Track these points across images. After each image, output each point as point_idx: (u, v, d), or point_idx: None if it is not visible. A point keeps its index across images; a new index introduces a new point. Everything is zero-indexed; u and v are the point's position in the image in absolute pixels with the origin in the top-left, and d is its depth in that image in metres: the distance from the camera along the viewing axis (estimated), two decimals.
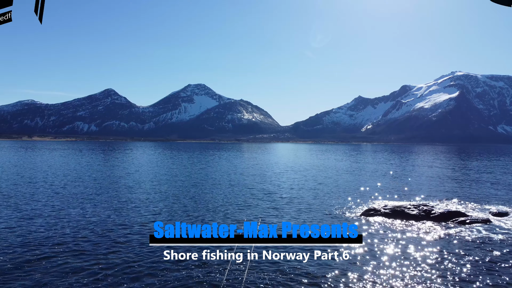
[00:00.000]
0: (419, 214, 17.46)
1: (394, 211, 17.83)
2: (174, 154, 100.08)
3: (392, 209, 17.95)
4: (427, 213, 17.66)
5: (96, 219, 20.24)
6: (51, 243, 15.82)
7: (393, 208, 18.07)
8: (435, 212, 17.71)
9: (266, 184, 36.37)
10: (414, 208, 17.91)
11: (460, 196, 25.48)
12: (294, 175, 46.48)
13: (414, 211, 17.65)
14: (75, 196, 27.43)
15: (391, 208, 18.10)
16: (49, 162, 62.16)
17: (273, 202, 26.11)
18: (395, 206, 18.21)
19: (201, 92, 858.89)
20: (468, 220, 16.95)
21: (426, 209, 18.06)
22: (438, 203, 21.72)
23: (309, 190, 31.03)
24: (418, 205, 18.47)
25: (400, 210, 17.76)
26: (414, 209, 17.80)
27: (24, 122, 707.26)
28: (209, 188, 32.91)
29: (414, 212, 17.58)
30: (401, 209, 17.89)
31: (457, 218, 17.22)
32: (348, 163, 63.55)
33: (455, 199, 24.24)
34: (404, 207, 18.04)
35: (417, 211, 17.68)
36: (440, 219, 17.17)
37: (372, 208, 18.50)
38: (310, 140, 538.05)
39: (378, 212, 17.99)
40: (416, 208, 17.94)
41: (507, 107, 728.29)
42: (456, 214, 17.72)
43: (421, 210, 17.78)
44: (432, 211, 17.89)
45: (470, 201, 23.17)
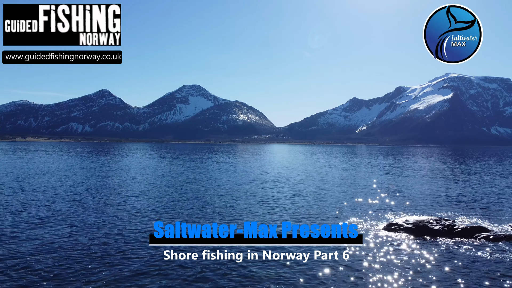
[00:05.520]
0: (442, 230, 17.56)
1: (417, 226, 17.96)
2: (171, 155, 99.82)
3: (415, 224, 18.09)
4: (450, 228, 17.75)
5: (96, 219, 20.15)
6: (49, 243, 15.73)
7: (415, 223, 18.22)
8: (457, 227, 17.84)
9: (267, 184, 36.39)
10: (436, 223, 18.02)
11: (474, 207, 25.41)
12: (296, 177, 46.51)
13: (437, 226, 17.77)
14: (74, 196, 27.27)
15: (413, 223, 18.25)
16: (47, 163, 61.76)
17: (276, 204, 26.12)
18: (418, 221, 18.34)
19: (196, 93, 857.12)
20: (491, 236, 17.02)
21: (449, 224, 18.18)
22: (457, 216, 21.71)
23: (318, 199, 29.03)
24: (440, 220, 18.58)
25: (423, 225, 17.90)
26: (436, 224, 17.92)
27: (18, 123, 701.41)
28: (209, 188, 32.86)
29: (437, 227, 17.69)
30: (424, 224, 18.03)
31: (480, 234, 17.30)
32: (349, 172, 63.73)
33: (472, 210, 24.21)
34: (427, 222, 18.17)
35: (440, 226, 17.79)
36: (463, 234, 17.26)
37: (395, 223, 18.68)
38: (305, 141, 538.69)
39: (401, 227, 18.13)
40: (439, 223, 18.05)
41: (500, 109, 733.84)
42: (479, 229, 17.77)
43: (443, 225, 17.87)
44: (454, 226, 18.02)
45: (489, 213, 23.10)
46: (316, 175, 47.62)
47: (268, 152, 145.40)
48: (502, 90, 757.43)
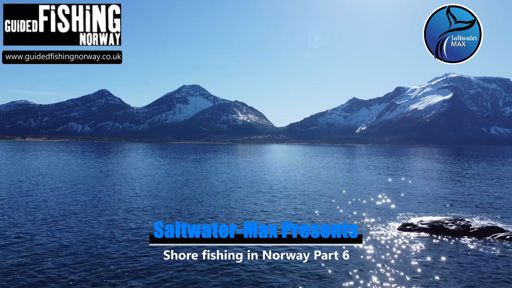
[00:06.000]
0: (458, 230, 17.58)
1: (432, 226, 17.97)
2: (171, 155, 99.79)
3: (430, 224, 18.09)
4: (466, 228, 17.78)
5: (96, 219, 20.14)
6: (48, 243, 15.72)
7: (430, 223, 18.22)
8: (473, 228, 17.88)
9: (267, 185, 36.38)
10: (451, 223, 18.03)
11: (484, 207, 25.35)
12: (302, 177, 46.52)
13: (453, 226, 17.79)
14: (74, 196, 27.26)
15: (428, 223, 18.25)
16: (45, 164, 61.76)
17: (278, 204, 26.12)
18: (433, 221, 18.35)
19: (195, 93, 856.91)
20: (508, 236, 17.08)
21: (464, 224, 18.22)
22: (469, 217, 21.65)
23: (325, 200, 28.68)
24: (455, 220, 18.60)
25: (439, 226, 17.91)
26: (452, 224, 17.93)
27: (17, 123, 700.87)
28: (209, 189, 32.85)
29: (453, 227, 17.71)
30: (439, 224, 18.04)
31: (497, 234, 17.34)
32: (352, 173, 63.73)
33: (483, 210, 24.19)
34: (442, 222, 18.19)
35: (455, 226, 17.81)
36: (479, 235, 17.29)
37: (409, 223, 18.68)
38: (304, 141, 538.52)
39: (416, 227, 18.12)
40: (454, 223, 18.07)
41: (500, 109, 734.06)
42: (495, 229, 17.85)
43: (459, 226, 17.90)
44: (470, 226, 18.06)
45: (501, 214, 23.06)
46: (318, 175, 47.62)
47: (268, 152, 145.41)
48: (502, 90, 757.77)
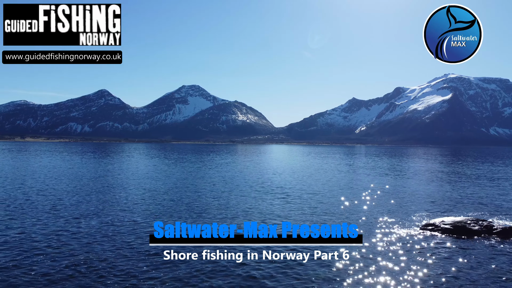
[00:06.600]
0: (481, 230, 17.60)
1: (455, 226, 17.97)
2: (171, 155, 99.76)
3: (453, 225, 18.11)
4: (489, 229, 17.82)
5: (95, 219, 20.13)
6: (47, 242, 15.71)
7: (453, 223, 18.24)
8: (496, 228, 17.92)
9: (267, 185, 36.38)
10: (474, 224, 18.06)
11: (496, 208, 25.27)
12: (308, 179, 46.52)
13: (475, 226, 17.82)
14: (73, 196, 27.24)
15: (450, 223, 18.27)
16: (45, 164, 61.71)
17: (282, 206, 26.11)
18: (455, 222, 18.37)
19: (195, 93, 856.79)
20: None
21: (486, 224, 18.27)
22: (488, 217, 21.62)
23: (329, 199, 29.16)
24: (477, 220, 18.63)
25: (461, 226, 17.93)
26: (474, 225, 17.96)
27: (17, 122, 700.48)
28: (209, 189, 32.84)
29: (476, 228, 17.74)
30: (462, 224, 18.07)
31: None
32: (352, 173, 63.72)
33: (482, 210, 24.17)
34: (464, 222, 18.22)
35: (478, 226, 17.85)
36: (502, 235, 17.33)
37: (431, 223, 18.68)
38: (304, 142, 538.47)
39: (438, 228, 18.13)
40: (476, 224, 18.10)
41: (499, 110, 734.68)
42: None
43: (481, 226, 17.94)
44: (493, 226, 18.10)
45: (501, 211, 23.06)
46: (318, 175, 47.64)
47: (268, 152, 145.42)
48: (501, 91, 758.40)
